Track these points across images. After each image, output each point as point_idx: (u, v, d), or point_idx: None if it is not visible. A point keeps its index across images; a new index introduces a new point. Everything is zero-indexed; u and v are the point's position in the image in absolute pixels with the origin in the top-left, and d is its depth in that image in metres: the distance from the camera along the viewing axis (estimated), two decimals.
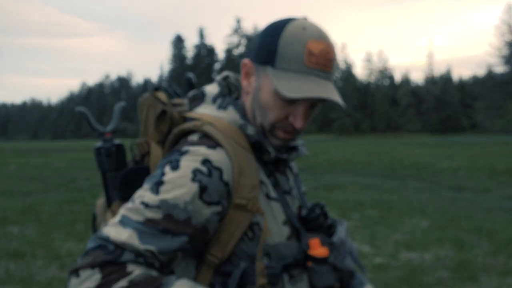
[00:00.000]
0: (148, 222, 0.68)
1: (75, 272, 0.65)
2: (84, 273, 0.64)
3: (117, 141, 0.90)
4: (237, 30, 63.28)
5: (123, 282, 0.64)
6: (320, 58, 0.75)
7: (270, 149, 0.81)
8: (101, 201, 0.95)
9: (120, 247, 0.66)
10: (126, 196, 0.81)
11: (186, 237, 0.70)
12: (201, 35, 68.50)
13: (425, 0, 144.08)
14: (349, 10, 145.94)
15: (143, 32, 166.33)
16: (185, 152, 0.75)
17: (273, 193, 0.82)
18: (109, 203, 0.90)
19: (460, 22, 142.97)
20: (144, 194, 0.71)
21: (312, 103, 0.80)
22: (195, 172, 0.72)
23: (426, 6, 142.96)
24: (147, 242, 0.67)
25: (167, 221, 0.69)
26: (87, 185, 9.30)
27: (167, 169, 0.73)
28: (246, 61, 0.82)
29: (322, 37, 0.76)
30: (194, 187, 0.71)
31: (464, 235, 4.73)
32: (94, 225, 0.95)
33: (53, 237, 4.87)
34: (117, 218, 0.70)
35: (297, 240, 0.82)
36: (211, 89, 0.87)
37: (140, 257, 0.67)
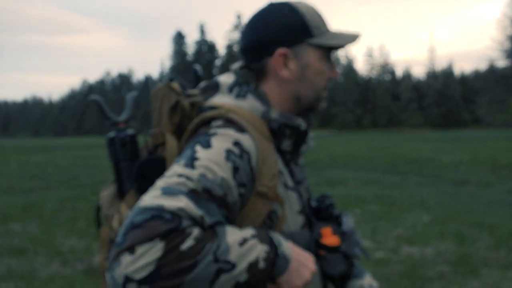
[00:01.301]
0: (193, 192, 0.67)
1: (129, 249, 0.60)
2: (141, 248, 0.60)
3: (130, 131, 0.89)
4: (237, 26, 63.09)
5: (189, 241, 0.62)
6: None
7: (299, 121, 0.83)
8: (106, 192, 0.92)
9: (178, 215, 0.63)
10: (142, 187, 0.80)
11: (226, 211, 0.70)
12: (202, 31, 68.35)
13: None
14: (349, 4, 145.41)
15: (144, 29, 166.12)
16: (214, 134, 0.75)
17: (290, 183, 0.84)
18: (122, 194, 0.88)
19: (461, 16, 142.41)
20: (180, 169, 0.69)
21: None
22: (228, 152, 0.72)
23: (427, 0, 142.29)
24: (203, 208, 0.66)
25: (207, 195, 0.68)
26: (89, 182, 9.32)
27: (198, 147, 0.72)
28: (282, 51, 0.82)
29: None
30: (229, 165, 0.71)
31: (465, 229, 4.73)
32: (98, 217, 0.93)
33: (55, 234, 4.89)
34: (157, 191, 0.66)
35: (309, 229, 0.84)
36: (226, 79, 0.87)
37: (196, 224, 0.65)
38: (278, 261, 0.69)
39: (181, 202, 0.64)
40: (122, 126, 0.89)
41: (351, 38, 0.86)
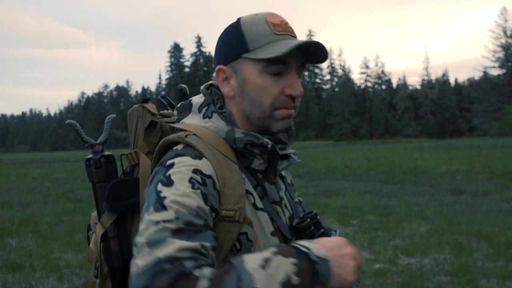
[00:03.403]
0: (178, 231, 0.63)
1: None
2: None
3: (107, 152, 0.90)
4: None
5: (203, 282, 0.57)
6: (284, 26, 0.80)
7: (265, 141, 0.79)
8: (94, 213, 0.94)
9: (177, 259, 0.60)
10: (114, 208, 0.82)
11: (212, 236, 0.68)
12: (199, 44, 68.84)
13: (420, 5, 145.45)
14: (344, 15, 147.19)
15: (141, 41, 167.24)
16: (171, 165, 0.74)
17: (260, 203, 0.80)
18: (99, 215, 0.88)
19: (455, 26, 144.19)
20: (153, 217, 0.65)
21: (298, 70, 0.81)
22: (191, 181, 0.71)
23: (421, 10, 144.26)
24: (196, 238, 0.63)
25: (192, 227, 0.65)
26: (86, 196, 9.28)
27: (161, 186, 0.70)
28: (219, 67, 0.81)
29: (275, 13, 0.81)
30: (197, 192, 0.70)
31: (463, 239, 4.73)
32: (88, 237, 0.95)
33: (52, 248, 4.85)
34: (143, 249, 0.61)
35: None
36: (197, 99, 0.88)
37: (199, 258, 0.62)
38: (316, 267, 0.63)
39: (173, 245, 0.61)
40: (98, 148, 0.90)
41: (290, 46, 0.74)
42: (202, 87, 0.88)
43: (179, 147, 0.79)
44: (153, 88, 76.81)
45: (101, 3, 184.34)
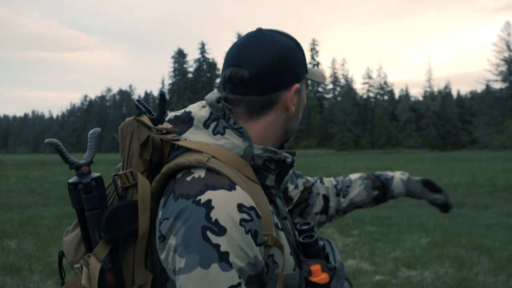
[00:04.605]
0: None
1: None
2: None
3: (95, 174, 0.76)
4: None
5: None
6: None
7: (283, 155, 0.77)
8: (70, 238, 0.81)
9: None
10: (113, 238, 0.72)
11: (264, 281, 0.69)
12: (203, 50, 69.29)
13: (423, 17, 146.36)
14: (348, 26, 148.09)
15: (145, 46, 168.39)
16: (209, 204, 0.65)
17: (279, 223, 0.77)
18: (89, 246, 0.76)
19: (459, 39, 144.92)
20: (222, 280, 0.61)
21: None
22: (242, 222, 0.65)
23: (425, 23, 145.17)
24: None
25: (253, 279, 0.65)
26: None
27: (213, 237, 0.63)
28: (297, 86, 0.80)
29: None
30: (249, 237, 0.65)
31: (464, 253, 4.70)
32: (61, 266, 0.81)
33: (51, 251, 4.83)
34: None
35: (298, 267, 0.79)
36: (198, 111, 0.79)
37: None
38: None
39: None
40: (85, 170, 0.76)
41: (323, 77, 0.91)
42: (212, 99, 0.78)
43: (200, 173, 0.70)
44: (155, 93, 77.22)
45: (106, 7, 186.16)
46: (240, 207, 0.66)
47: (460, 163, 21.80)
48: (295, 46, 0.82)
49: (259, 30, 0.81)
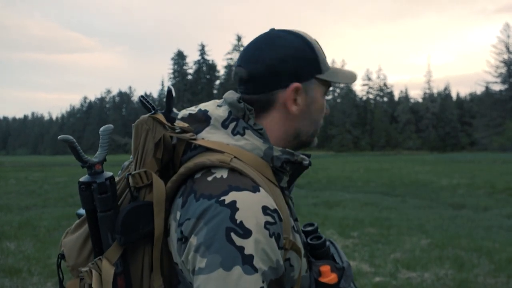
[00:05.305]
0: None
1: None
2: None
3: (108, 173, 0.74)
4: (238, 47, 64.11)
5: None
6: None
7: (300, 157, 0.77)
8: (72, 240, 0.77)
9: None
10: (128, 241, 0.70)
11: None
12: (202, 52, 69.36)
13: (423, 19, 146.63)
14: (347, 27, 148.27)
15: (145, 48, 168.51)
16: (234, 205, 0.64)
17: (295, 226, 0.77)
18: (99, 248, 0.73)
19: (458, 41, 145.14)
20: (245, 281, 0.60)
21: None
22: (266, 225, 0.64)
23: (424, 24, 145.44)
24: None
25: (274, 285, 0.65)
26: None
27: (237, 239, 0.62)
28: (297, 85, 0.77)
29: None
30: (273, 240, 0.64)
31: (464, 254, 4.70)
32: (61, 269, 0.77)
33: (50, 253, 4.83)
34: None
35: (309, 269, 0.79)
36: (215, 110, 0.77)
37: None
38: None
39: None
40: (98, 168, 0.73)
41: (352, 77, 0.86)
42: (233, 99, 0.77)
43: (222, 173, 0.68)
44: (155, 94, 77.18)
45: (106, 9, 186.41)
46: (265, 210, 0.65)
47: (459, 165, 21.81)
48: (303, 45, 0.79)
49: (270, 30, 0.81)
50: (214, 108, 0.78)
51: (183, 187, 0.72)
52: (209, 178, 0.68)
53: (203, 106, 0.80)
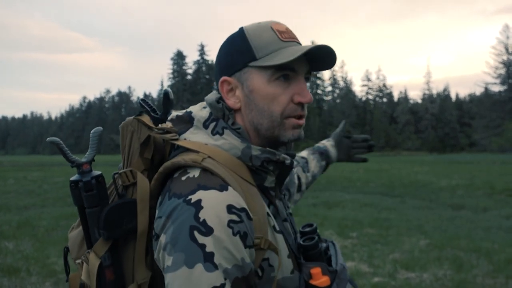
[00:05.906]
0: None
1: None
2: None
3: (96, 171, 0.78)
4: None
5: None
6: (290, 33, 0.78)
7: (282, 156, 0.75)
8: (75, 234, 0.81)
9: None
10: (112, 236, 0.73)
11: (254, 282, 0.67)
12: (202, 52, 69.35)
13: (422, 20, 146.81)
14: (347, 28, 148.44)
15: (144, 48, 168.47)
16: (198, 204, 0.64)
17: (277, 225, 0.76)
18: (89, 243, 0.77)
19: (458, 42, 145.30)
20: (205, 280, 0.60)
21: (306, 76, 0.79)
22: (230, 224, 0.64)
23: (424, 25, 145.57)
24: None
25: (240, 282, 0.63)
26: None
27: (200, 237, 0.62)
28: (224, 78, 0.76)
29: (278, 21, 0.79)
30: (237, 239, 0.64)
31: (463, 255, 4.70)
32: (67, 260, 0.82)
33: (49, 253, 4.82)
34: None
35: (298, 270, 0.78)
36: (199, 112, 0.79)
37: None
38: None
39: None
40: (86, 168, 0.77)
41: (294, 53, 0.72)
42: (212, 100, 0.78)
43: (195, 173, 0.70)
44: (154, 94, 77.16)
45: (106, 9, 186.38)
46: (230, 208, 0.65)
47: (458, 166, 21.83)
48: (236, 38, 0.77)
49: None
50: (199, 109, 0.80)
51: (165, 186, 0.74)
52: (183, 178, 0.70)
53: (190, 108, 0.82)
